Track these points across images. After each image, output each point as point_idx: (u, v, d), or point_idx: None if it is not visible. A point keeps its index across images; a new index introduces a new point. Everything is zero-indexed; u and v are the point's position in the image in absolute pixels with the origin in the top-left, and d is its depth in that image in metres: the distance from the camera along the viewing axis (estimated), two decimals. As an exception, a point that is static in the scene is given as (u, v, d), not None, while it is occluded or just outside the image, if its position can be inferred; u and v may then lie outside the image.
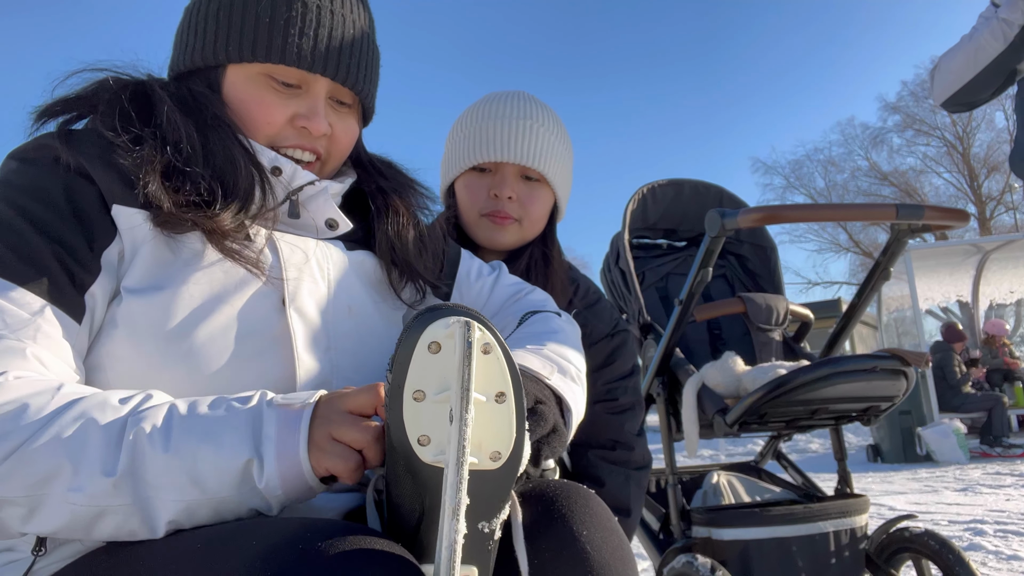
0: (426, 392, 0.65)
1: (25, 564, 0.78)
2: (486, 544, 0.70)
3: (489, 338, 0.66)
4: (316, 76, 0.97)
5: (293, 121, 0.98)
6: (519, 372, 0.70)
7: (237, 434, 0.72)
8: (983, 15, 2.09)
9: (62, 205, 0.82)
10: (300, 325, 0.91)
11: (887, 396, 1.87)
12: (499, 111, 1.47)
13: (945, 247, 10.49)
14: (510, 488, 0.70)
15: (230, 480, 0.72)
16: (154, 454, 0.70)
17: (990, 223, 22.62)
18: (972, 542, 3.41)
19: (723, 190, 2.59)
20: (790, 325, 2.33)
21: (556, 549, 0.76)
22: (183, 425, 0.72)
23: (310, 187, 0.99)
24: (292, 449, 0.72)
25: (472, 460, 0.65)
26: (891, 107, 24.49)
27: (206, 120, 0.93)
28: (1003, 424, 7.93)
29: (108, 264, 0.84)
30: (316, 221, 1.01)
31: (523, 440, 0.70)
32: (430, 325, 0.65)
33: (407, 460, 0.66)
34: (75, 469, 0.70)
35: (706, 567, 1.71)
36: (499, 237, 1.49)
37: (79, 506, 0.70)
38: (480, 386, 0.66)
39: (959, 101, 2.17)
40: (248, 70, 0.96)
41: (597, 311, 1.57)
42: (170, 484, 0.70)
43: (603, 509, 0.83)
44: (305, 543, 0.63)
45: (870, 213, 2.13)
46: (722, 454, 8.72)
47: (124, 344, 0.82)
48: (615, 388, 1.52)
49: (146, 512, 0.71)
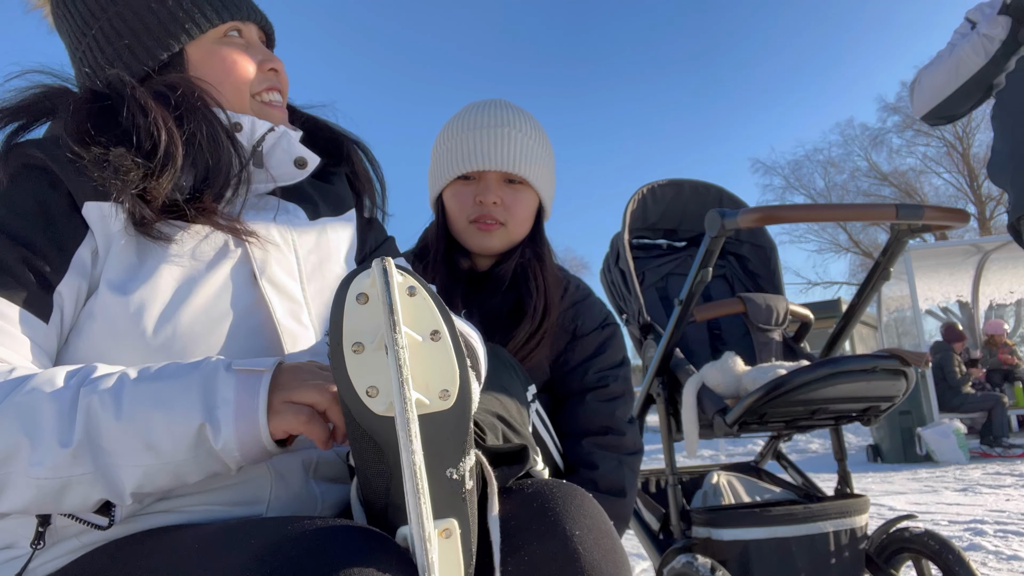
0: (364, 343, 0.67)
1: (24, 560, 0.79)
2: (459, 493, 0.69)
3: (413, 281, 0.69)
4: (248, 24, 1.06)
5: (261, 66, 1.04)
6: (450, 313, 0.71)
7: (188, 397, 0.73)
8: (958, 31, 2.21)
9: (30, 209, 0.84)
10: (275, 295, 0.92)
11: (887, 396, 1.87)
12: (479, 121, 1.54)
13: (945, 247, 10.49)
14: (468, 428, 0.71)
15: (184, 444, 0.72)
16: (107, 421, 0.71)
17: (990, 223, 22.63)
18: (972, 542, 3.41)
19: (723, 190, 2.59)
20: (790, 325, 2.33)
21: (548, 549, 0.76)
22: (134, 391, 0.73)
23: (271, 134, 1.02)
24: (251, 412, 0.73)
25: (422, 400, 0.66)
26: (890, 107, 24.49)
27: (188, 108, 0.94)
28: (1003, 424, 7.93)
29: (79, 264, 0.85)
30: (284, 165, 1.03)
31: (468, 375, 0.71)
32: (355, 279, 0.69)
33: (361, 417, 0.66)
34: (32, 444, 0.71)
35: (706, 567, 1.71)
36: (487, 242, 1.55)
37: (43, 479, 0.71)
38: (411, 324, 0.68)
39: (940, 114, 2.26)
40: (204, 41, 1.02)
41: (587, 305, 1.63)
42: (126, 450, 0.72)
43: (597, 510, 0.82)
44: (302, 544, 0.63)
45: (870, 213, 2.14)
46: (722, 454, 8.72)
47: (104, 336, 0.83)
48: (606, 376, 1.57)
49: (108, 479, 0.72)
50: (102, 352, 0.83)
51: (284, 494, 0.86)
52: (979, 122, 22.93)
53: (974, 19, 2.15)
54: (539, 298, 1.51)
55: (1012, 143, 2.08)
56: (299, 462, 0.88)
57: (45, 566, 0.79)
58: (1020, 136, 2.04)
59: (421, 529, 0.61)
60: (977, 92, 2.15)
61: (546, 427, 1.48)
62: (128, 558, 0.74)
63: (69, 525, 0.79)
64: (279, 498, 0.85)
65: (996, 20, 2.03)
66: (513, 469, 0.85)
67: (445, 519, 0.67)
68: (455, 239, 1.59)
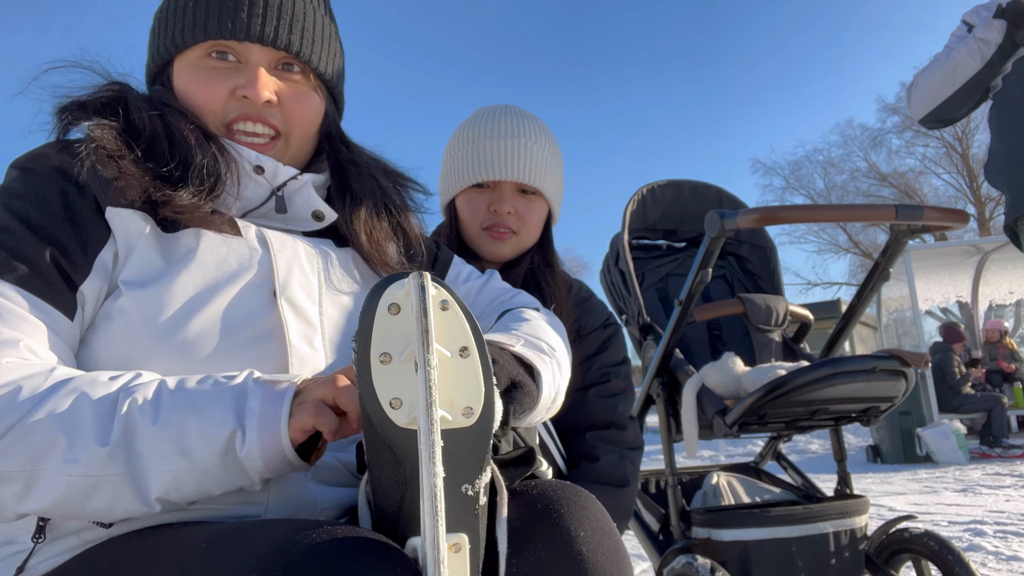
0: (392, 354, 0.67)
1: (25, 555, 0.79)
2: (472, 509, 0.70)
3: (446, 295, 0.69)
4: (248, 45, 0.99)
5: (234, 92, 0.99)
6: (480, 329, 0.71)
7: (222, 406, 0.75)
8: (955, 34, 2.23)
9: (57, 210, 0.87)
10: (292, 316, 0.93)
11: (887, 397, 1.87)
12: (494, 130, 1.57)
13: (945, 248, 10.48)
14: (488, 446, 0.71)
15: (215, 450, 0.74)
16: (145, 425, 0.73)
17: (989, 224, 22.62)
18: (972, 543, 3.41)
19: (722, 191, 2.59)
20: (790, 326, 2.33)
21: (551, 549, 0.76)
22: (172, 398, 0.76)
23: (293, 182, 1.02)
24: (274, 422, 0.75)
25: (445, 416, 0.66)
26: (890, 108, 24.48)
27: (167, 113, 0.96)
28: (1003, 425, 7.93)
29: (101, 266, 0.88)
30: (302, 214, 1.04)
31: (492, 393, 0.71)
32: (388, 288, 0.68)
33: (382, 428, 0.66)
34: (70, 441, 0.72)
35: (706, 568, 1.71)
36: (499, 250, 1.59)
37: (75, 476, 0.72)
38: (442, 340, 0.68)
39: (937, 118, 2.27)
40: (189, 56, 1.00)
41: (589, 306, 1.67)
42: (159, 454, 0.73)
43: (600, 511, 0.83)
44: (302, 545, 0.63)
45: (870, 214, 2.14)
46: (722, 455, 8.72)
47: (119, 337, 0.85)
48: (608, 372, 1.61)
49: (138, 482, 0.74)
50: (116, 351, 0.85)
51: (283, 495, 0.86)
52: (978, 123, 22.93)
53: (971, 22, 2.17)
54: (553, 303, 1.55)
55: (1009, 145, 2.08)
56: None
57: (45, 563, 0.80)
58: (1016, 138, 2.05)
59: (435, 550, 0.61)
60: (974, 95, 2.16)
61: (547, 429, 1.48)
62: (130, 556, 0.74)
63: (70, 520, 0.80)
64: (277, 499, 0.86)
65: (992, 24, 2.04)
66: (519, 471, 0.85)
67: (456, 534, 0.67)
68: (465, 244, 1.63)
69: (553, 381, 0.96)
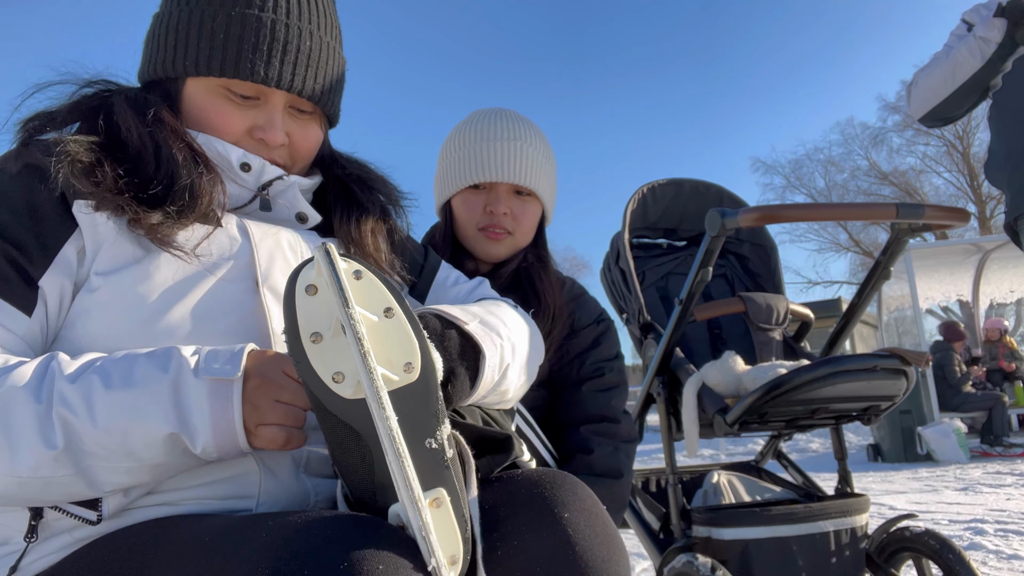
0: (321, 332, 0.68)
1: (18, 555, 0.79)
2: (441, 462, 0.70)
3: (358, 267, 0.71)
4: (272, 89, 0.99)
5: (251, 132, 1.00)
6: (399, 291, 0.73)
7: (159, 409, 0.75)
8: (955, 33, 2.23)
9: (19, 206, 0.86)
10: (275, 305, 0.92)
11: (887, 395, 1.87)
12: (490, 132, 1.60)
13: (945, 246, 10.48)
14: (437, 396, 0.72)
15: (162, 450, 0.76)
16: (86, 428, 0.74)
17: (990, 222, 22.61)
18: (972, 541, 3.41)
19: (723, 189, 2.59)
20: (790, 325, 2.33)
21: (536, 530, 0.76)
22: (106, 400, 0.74)
23: (279, 182, 1.02)
24: (227, 424, 0.76)
25: (387, 375, 0.67)
26: (891, 107, 24.46)
27: (157, 127, 0.95)
28: (1003, 423, 7.93)
29: (63, 261, 0.86)
30: (286, 215, 1.04)
31: (427, 345, 0.73)
32: (301, 272, 0.71)
33: (332, 405, 0.67)
34: (12, 446, 0.72)
35: (706, 567, 1.71)
36: (495, 250, 1.62)
37: (24, 478, 0.73)
38: (363, 304, 0.69)
39: (937, 116, 2.27)
40: (206, 83, 0.99)
41: (582, 302, 1.69)
42: (108, 453, 0.74)
43: (588, 494, 0.82)
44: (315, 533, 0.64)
45: (870, 212, 2.13)
46: (722, 454, 8.73)
47: (98, 329, 0.84)
48: (601, 367, 1.63)
49: (90, 479, 0.75)
50: (95, 343, 0.84)
51: (274, 488, 0.86)
52: (979, 121, 22.91)
53: (971, 21, 2.17)
54: (546, 298, 1.58)
55: (1008, 144, 2.08)
56: (288, 457, 0.89)
57: (38, 562, 0.80)
58: (1016, 137, 2.05)
59: (410, 492, 0.62)
60: (974, 94, 2.16)
61: (529, 424, 1.50)
62: (124, 552, 0.74)
63: (60, 519, 0.80)
64: (269, 492, 0.86)
65: (992, 22, 2.04)
66: (498, 459, 0.86)
67: (433, 490, 0.68)
68: (460, 243, 1.65)
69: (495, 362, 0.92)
